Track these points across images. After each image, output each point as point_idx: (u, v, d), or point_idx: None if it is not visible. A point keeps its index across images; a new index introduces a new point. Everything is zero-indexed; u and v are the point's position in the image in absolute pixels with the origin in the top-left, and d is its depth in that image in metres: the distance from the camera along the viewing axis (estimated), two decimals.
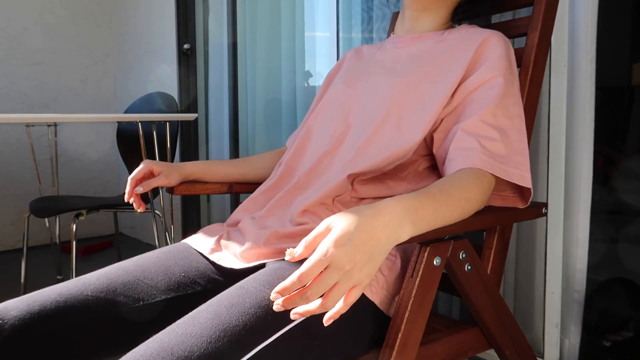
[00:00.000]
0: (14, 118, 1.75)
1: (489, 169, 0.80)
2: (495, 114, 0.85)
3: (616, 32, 4.28)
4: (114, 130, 2.70)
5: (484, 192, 0.79)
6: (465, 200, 0.74)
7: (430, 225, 0.68)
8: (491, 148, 0.82)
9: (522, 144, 0.86)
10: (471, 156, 0.81)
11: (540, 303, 1.29)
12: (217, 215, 2.66)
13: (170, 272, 0.91)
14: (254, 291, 0.72)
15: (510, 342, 0.91)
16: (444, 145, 0.89)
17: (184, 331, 0.65)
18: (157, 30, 2.80)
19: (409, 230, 0.64)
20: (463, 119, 0.87)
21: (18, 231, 2.92)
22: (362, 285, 0.59)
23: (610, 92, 4.14)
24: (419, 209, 0.66)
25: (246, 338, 0.65)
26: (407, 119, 0.92)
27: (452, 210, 0.71)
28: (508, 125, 0.86)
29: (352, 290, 0.58)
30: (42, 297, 0.81)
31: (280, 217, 0.93)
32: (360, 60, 1.11)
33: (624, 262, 2.21)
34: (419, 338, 0.76)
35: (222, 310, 0.68)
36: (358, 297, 0.59)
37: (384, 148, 0.91)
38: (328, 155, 0.97)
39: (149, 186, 1.07)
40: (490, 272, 0.93)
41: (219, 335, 0.64)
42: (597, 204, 1.22)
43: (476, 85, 0.89)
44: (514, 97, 0.89)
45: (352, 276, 0.57)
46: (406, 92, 0.94)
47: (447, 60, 0.94)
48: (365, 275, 0.58)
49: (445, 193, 0.72)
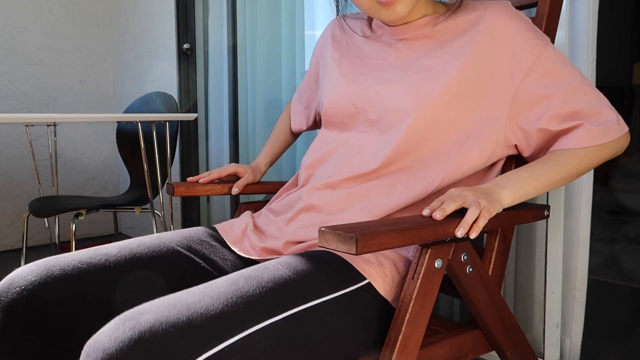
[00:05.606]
0: (13, 118, 1.75)
1: (587, 144, 0.88)
2: (564, 94, 0.89)
3: (616, 32, 4.29)
4: (114, 130, 2.69)
5: (588, 153, 0.88)
6: (566, 161, 0.88)
7: (526, 181, 0.85)
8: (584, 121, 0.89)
9: (593, 90, 0.91)
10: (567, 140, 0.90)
11: (541, 303, 1.29)
12: (217, 216, 2.65)
13: (191, 250, 0.94)
14: (273, 269, 0.75)
15: (512, 343, 0.91)
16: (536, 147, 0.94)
17: (201, 292, 0.68)
18: (157, 30, 2.80)
19: (506, 191, 0.83)
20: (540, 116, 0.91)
21: (17, 231, 2.92)
22: (487, 209, 0.77)
23: (611, 92, 4.15)
24: (510, 175, 0.86)
25: (260, 308, 0.68)
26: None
27: (551, 169, 0.86)
28: (578, 88, 0.90)
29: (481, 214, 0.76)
30: (62, 262, 0.82)
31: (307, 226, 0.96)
32: (355, 51, 1.06)
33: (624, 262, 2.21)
34: (419, 340, 0.76)
35: (240, 280, 0.71)
36: (486, 220, 0.76)
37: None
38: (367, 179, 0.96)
39: (241, 185, 1.19)
40: (491, 274, 0.92)
41: (235, 301, 0.67)
42: (597, 204, 1.22)
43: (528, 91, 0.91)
44: (557, 61, 0.90)
45: (479, 202, 0.76)
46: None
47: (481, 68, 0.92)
48: (487, 203, 0.77)
49: (536, 163, 0.89)
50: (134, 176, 2.41)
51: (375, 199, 0.91)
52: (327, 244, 0.65)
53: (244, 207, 1.18)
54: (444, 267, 0.77)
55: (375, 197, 0.91)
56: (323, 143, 1.04)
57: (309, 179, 1.01)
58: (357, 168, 0.94)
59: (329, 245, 0.65)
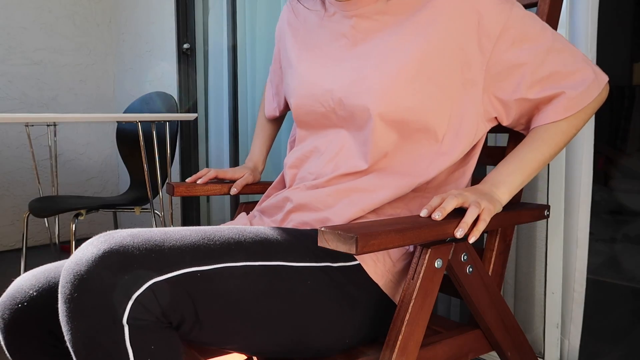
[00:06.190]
0: (13, 118, 1.75)
1: (562, 116, 0.86)
2: (536, 58, 0.86)
3: (616, 32, 4.29)
4: (114, 130, 2.69)
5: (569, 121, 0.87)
6: (551, 137, 0.87)
7: (518, 172, 0.85)
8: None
9: (565, 47, 0.88)
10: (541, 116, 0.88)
11: (541, 303, 1.29)
12: (217, 216, 2.65)
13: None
14: (259, 227, 0.80)
15: (512, 343, 0.91)
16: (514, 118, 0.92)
17: (185, 228, 0.72)
18: (157, 29, 2.80)
19: (503, 189, 0.83)
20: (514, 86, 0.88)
21: (17, 231, 2.92)
22: (488, 210, 0.77)
23: (611, 92, 4.10)
24: (501, 170, 0.85)
25: (237, 250, 0.71)
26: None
27: (538, 149, 0.86)
28: (549, 52, 0.87)
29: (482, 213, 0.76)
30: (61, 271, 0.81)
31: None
32: (315, 34, 1.01)
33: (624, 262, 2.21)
34: (419, 340, 0.76)
35: (223, 228, 0.75)
36: (486, 223, 0.76)
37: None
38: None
39: (240, 186, 1.19)
40: (491, 274, 0.92)
41: (213, 238, 0.71)
42: (597, 204, 1.22)
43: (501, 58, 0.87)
44: (525, 24, 0.86)
45: (479, 203, 0.76)
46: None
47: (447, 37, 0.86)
48: (487, 204, 0.77)
49: (522, 148, 0.87)
50: (134, 176, 2.41)
51: (364, 193, 0.89)
52: (327, 244, 0.65)
53: (244, 207, 1.18)
54: (444, 267, 0.77)
55: (363, 192, 0.89)
56: (303, 143, 1.01)
57: (294, 178, 1.00)
58: (341, 167, 0.91)
59: (329, 245, 0.65)
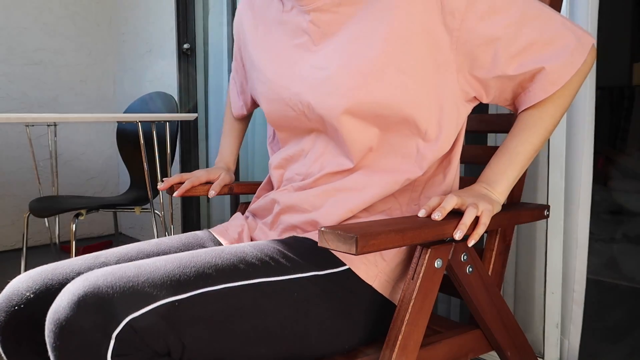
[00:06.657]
0: (13, 118, 1.75)
1: (542, 98, 0.82)
2: (508, 36, 0.79)
3: (616, 32, 4.28)
4: (114, 130, 2.69)
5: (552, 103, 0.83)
6: (533, 124, 0.84)
7: (510, 167, 0.83)
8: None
9: (540, 12, 0.81)
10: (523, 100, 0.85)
11: (541, 303, 1.29)
12: (217, 216, 2.65)
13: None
14: (238, 246, 0.79)
15: (512, 343, 0.91)
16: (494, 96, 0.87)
17: (161, 258, 0.73)
18: (157, 29, 2.80)
19: (499, 188, 0.83)
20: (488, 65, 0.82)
21: (17, 231, 2.92)
22: (487, 212, 0.76)
23: (611, 92, 4.14)
24: (493, 168, 0.84)
25: (215, 273, 0.71)
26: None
27: (527, 140, 0.83)
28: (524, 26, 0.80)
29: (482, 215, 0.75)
30: (59, 273, 0.80)
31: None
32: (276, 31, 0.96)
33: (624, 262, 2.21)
34: (419, 340, 0.76)
35: (201, 252, 0.76)
36: (485, 227, 0.75)
37: None
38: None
39: (218, 187, 1.14)
40: (491, 274, 0.92)
41: (188, 264, 0.71)
42: (597, 204, 1.22)
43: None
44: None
45: (476, 204, 0.75)
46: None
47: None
48: (486, 205, 0.76)
49: (512, 140, 0.84)
50: (134, 176, 2.41)
51: (351, 192, 0.87)
52: (327, 244, 0.66)
53: (243, 207, 1.18)
54: (444, 267, 0.77)
55: (350, 191, 0.87)
56: (287, 145, 0.99)
57: (281, 179, 0.98)
58: (327, 167, 0.89)
59: (329, 246, 0.65)
